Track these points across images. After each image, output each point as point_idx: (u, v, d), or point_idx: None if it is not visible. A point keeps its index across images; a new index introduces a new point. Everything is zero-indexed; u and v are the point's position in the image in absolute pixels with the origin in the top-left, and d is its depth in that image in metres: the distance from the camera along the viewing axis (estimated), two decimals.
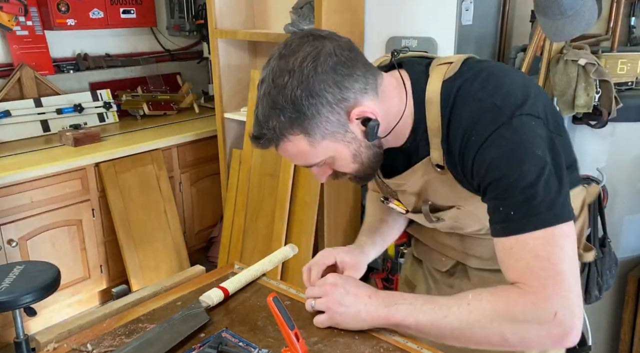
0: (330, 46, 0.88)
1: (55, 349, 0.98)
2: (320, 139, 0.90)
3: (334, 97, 0.87)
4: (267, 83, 0.89)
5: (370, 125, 0.90)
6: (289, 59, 0.87)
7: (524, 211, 0.84)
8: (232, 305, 1.13)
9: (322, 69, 0.85)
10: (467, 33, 2.36)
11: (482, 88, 0.90)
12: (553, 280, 0.82)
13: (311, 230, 2.48)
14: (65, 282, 2.64)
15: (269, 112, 0.88)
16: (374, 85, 0.92)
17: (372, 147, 0.95)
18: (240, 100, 2.94)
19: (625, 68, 2.01)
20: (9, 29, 2.89)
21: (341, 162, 0.95)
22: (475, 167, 0.89)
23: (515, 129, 0.86)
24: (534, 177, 0.83)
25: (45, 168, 2.52)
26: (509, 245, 0.86)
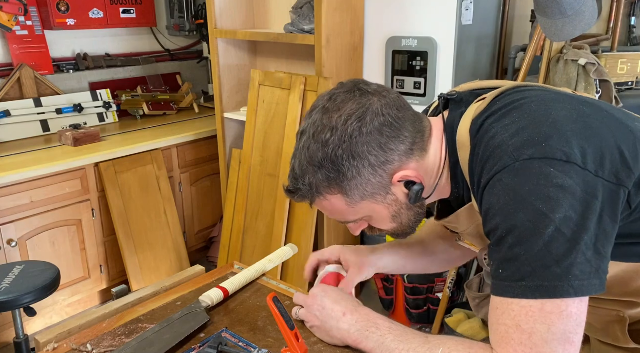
0: (378, 105, 0.83)
1: (55, 349, 0.98)
2: (359, 200, 0.86)
3: (377, 159, 0.82)
4: (307, 136, 0.85)
5: (413, 189, 0.86)
6: (333, 114, 0.83)
7: (509, 272, 0.73)
8: (232, 305, 1.13)
9: (367, 130, 0.81)
10: (467, 33, 2.36)
11: (500, 122, 0.80)
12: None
13: (311, 230, 2.48)
14: (65, 282, 2.64)
15: (306, 168, 0.85)
16: (422, 144, 0.86)
17: (413, 208, 0.90)
18: (240, 100, 2.94)
19: (626, 68, 2.01)
20: (9, 29, 2.89)
21: (379, 222, 0.92)
22: (482, 212, 0.80)
23: (519, 175, 0.73)
24: (527, 236, 0.71)
25: (45, 168, 2.52)
26: (495, 304, 0.76)
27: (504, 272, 0.74)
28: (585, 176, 0.72)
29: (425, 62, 2.36)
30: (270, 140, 2.59)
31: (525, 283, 0.71)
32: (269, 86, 2.59)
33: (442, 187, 0.91)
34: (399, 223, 0.92)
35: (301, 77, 2.43)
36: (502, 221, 0.74)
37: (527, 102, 0.82)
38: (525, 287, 0.71)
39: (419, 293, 2.54)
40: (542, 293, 0.70)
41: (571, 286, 0.70)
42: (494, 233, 0.76)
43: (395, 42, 2.43)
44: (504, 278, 0.74)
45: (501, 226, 0.74)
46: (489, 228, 0.77)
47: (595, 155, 0.74)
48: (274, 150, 2.56)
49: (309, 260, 1.15)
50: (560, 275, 0.70)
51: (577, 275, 0.70)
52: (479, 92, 0.91)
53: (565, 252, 0.70)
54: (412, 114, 0.87)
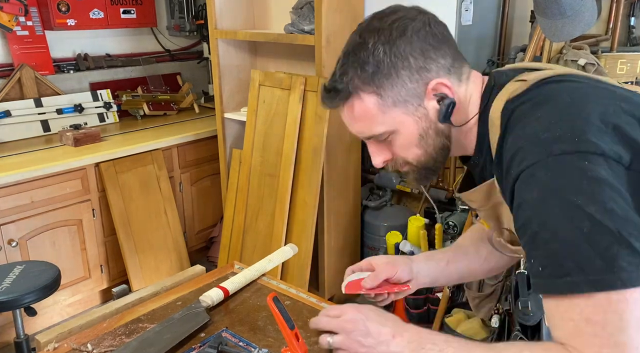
0: (426, 17, 0.86)
1: (55, 349, 0.98)
2: (391, 105, 0.85)
3: (417, 63, 0.83)
4: (353, 38, 0.87)
5: (445, 102, 0.85)
6: (382, 19, 0.86)
7: (551, 269, 0.71)
8: (232, 305, 1.13)
9: (411, 33, 0.83)
10: (467, 33, 2.36)
11: (532, 113, 0.79)
12: (610, 351, 0.68)
13: (311, 230, 2.48)
14: (65, 282, 2.64)
15: (347, 66, 0.85)
16: (460, 69, 0.88)
17: (441, 134, 0.88)
18: (240, 100, 2.95)
19: (625, 68, 2.01)
20: (9, 29, 2.89)
21: (404, 141, 0.88)
22: (513, 204, 0.78)
23: (551, 169, 0.72)
24: (564, 231, 0.69)
25: (46, 168, 2.52)
26: (552, 304, 0.73)
27: (546, 269, 0.72)
28: (620, 170, 0.72)
29: None
30: (270, 140, 2.59)
31: (571, 278, 0.69)
32: (269, 86, 2.59)
33: (466, 139, 0.91)
34: (424, 148, 0.89)
35: (301, 77, 2.44)
36: (535, 216, 0.73)
37: (563, 94, 0.80)
38: (571, 282, 0.69)
39: (418, 293, 2.54)
40: (590, 286, 0.68)
41: (618, 278, 0.67)
42: (527, 228, 0.74)
43: None
44: (547, 276, 0.72)
45: (534, 221, 0.73)
46: (521, 223, 0.75)
47: (631, 150, 0.73)
48: (274, 150, 2.56)
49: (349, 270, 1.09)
50: (605, 268, 0.67)
51: (624, 267, 0.67)
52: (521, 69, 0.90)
53: (607, 245, 0.67)
54: (455, 44, 0.88)
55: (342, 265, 2.76)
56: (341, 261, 2.75)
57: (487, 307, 2.08)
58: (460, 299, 2.55)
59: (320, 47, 2.36)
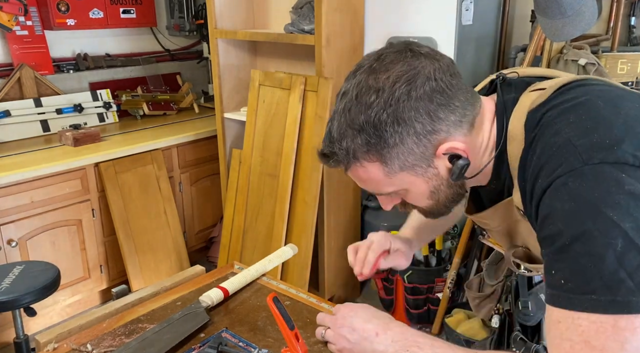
0: (430, 68, 0.77)
1: (55, 349, 0.98)
2: (398, 170, 0.79)
3: (424, 127, 0.76)
4: (349, 98, 0.78)
5: (458, 164, 0.79)
6: (379, 75, 0.76)
7: (576, 284, 0.67)
8: (232, 305, 1.13)
9: (416, 95, 0.75)
10: (467, 33, 2.36)
11: (564, 118, 0.73)
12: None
13: (311, 230, 2.48)
14: (65, 282, 2.63)
15: (345, 131, 0.78)
16: (471, 117, 0.80)
17: (454, 186, 0.84)
18: (240, 100, 2.94)
19: (626, 68, 2.01)
20: (9, 29, 2.89)
21: (415, 197, 0.85)
22: (538, 215, 0.74)
23: (587, 179, 0.67)
24: (597, 246, 0.65)
25: (45, 168, 2.52)
26: (558, 317, 0.69)
27: (569, 284, 0.67)
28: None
29: None
30: (270, 140, 2.59)
31: (596, 296, 0.65)
32: (269, 86, 2.59)
33: (486, 172, 0.85)
34: (436, 200, 0.86)
35: (301, 77, 2.43)
36: (566, 228, 0.68)
37: (593, 97, 0.75)
38: (595, 301, 0.65)
39: (419, 293, 2.54)
40: (616, 308, 0.64)
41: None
42: (555, 240, 0.69)
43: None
44: (569, 290, 0.67)
45: (565, 233, 0.68)
46: (547, 233, 0.71)
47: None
48: (274, 150, 2.56)
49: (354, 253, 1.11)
50: (634, 289, 0.64)
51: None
52: (528, 80, 0.85)
53: (638, 265, 0.64)
54: (464, 84, 0.81)
55: (342, 265, 2.76)
56: (341, 261, 2.75)
57: (488, 307, 2.08)
58: (460, 299, 2.55)
59: (320, 47, 2.36)
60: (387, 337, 0.86)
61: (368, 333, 0.88)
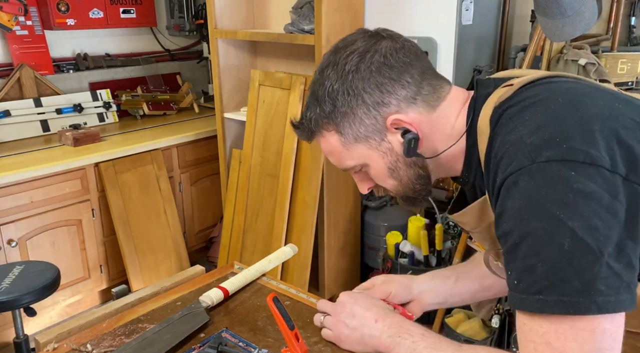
0: (385, 46, 0.81)
1: (55, 349, 0.98)
2: (353, 141, 0.84)
3: (372, 98, 0.81)
4: (316, 73, 0.86)
5: (406, 137, 0.82)
6: (339, 52, 0.83)
7: (526, 284, 0.67)
8: (232, 305, 1.13)
9: (365, 67, 0.80)
10: (467, 33, 2.36)
11: (521, 116, 0.74)
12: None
13: (311, 230, 2.48)
14: (65, 282, 2.63)
15: (309, 103, 0.86)
16: (430, 97, 0.82)
17: (412, 166, 0.86)
18: (240, 100, 2.94)
19: (626, 68, 2.01)
20: (9, 28, 2.89)
21: (376, 173, 0.88)
22: (495, 214, 0.74)
23: (535, 178, 0.67)
24: (543, 246, 0.65)
25: (45, 168, 2.52)
26: (522, 319, 0.70)
27: (521, 284, 0.68)
28: (614, 180, 0.65)
29: None
30: (270, 140, 2.59)
31: (543, 296, 0.65)
32: (269, 86, 2.59)
33: (451, 161, 0.86)
34: (398, 179, 0.87)
35: (301, 77, 2.43)
36: (515, 227, 0.68)
37: (554, 95, 0.75)
38: (542, 301, 0.65)
39: None
40: (561, 308, 0.64)
41: (593, 302, 0.63)
42: (507, 239, 0.70)
43: None
44: (521, 290, 0.68)
45: (514, 232, 0.68)
46: (500, 232, 0.72)
47: (627, 158, 0.67)
48: (274, 150, 2.56)
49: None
50: (581, 290, 0.63)
51: (602, 291, 0.63)
52: (506, 79, 0.85)
53: (587, 265, 0.63)
54: (425, 66, 0.83)
55: (342, 265, 2.76)
56: (341, 261, 2.75)
57: (488, 307, 2.08)
58: None
59: (320, 47, 2.36)
60: (385, 324, 0.90)
61: (367, 320, 0.91)
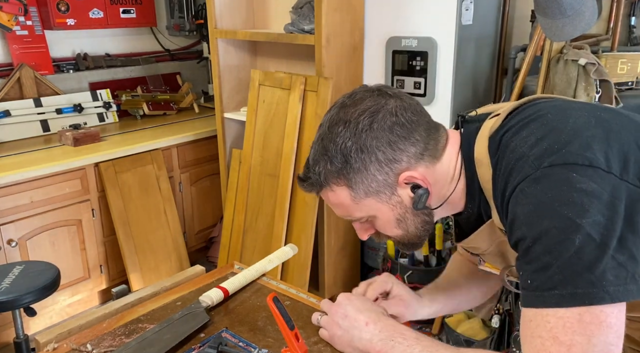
0: (394, 105, 0.85)
1: (55, 349, 0.98)
2: (364, 196, 0.87)
3: (385, 156, 0.84)
4: (323, 129, 0.89)
5: (418, 193, 0.86)
6: (348, 109, 0.86)
7: (540, 281, 0.71)
8: (232, 305, 1.13)
9: (378, 126, 0.84)
10: (467, 33, 2.36)
11: (518, 136, 0.80)
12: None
13: (311, 230, 2.48)
14: (65, 282, 2.63)
15: (318, 157, 0.88)
16: (435, 150, 0.87)
17: (420, 215, 0.90)
18: (240, 100, 2.94)
19: (626, 68, 2.01)
20: (9, 28, 2.89)
21: (383, 225, 0.91)
22: (506, 225, 0.79)
23: (540, 182, 0.73)
24: (555, 243, 0.69)
25: (45, 168, 2.52)
26: (528, 316, 0.73)
27: (534, 282, 0.71)
28: (610, 179, 0.71)
29: (425, 62, 2.35)
30: (270, 140, 2.59)
31: (558, 291, 0.68)
32: (269, 86, 2.59)
33: (456, 200, 0.91)
34: (405, 229, 0.91)
35: (301, 77, 2.43)
36: (527, 230, 0.72)
37: (544, 112, 0.82)
38: (558, 296, 0.68)
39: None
40: (577, 300, 0.67)
41: (606, 292, 0.67)
42: (521, 244, 0.74)
43: (395, 42, 2.43)
44: (535, 288, 0.71)
45: (527, 235, 0.72)
46: (515, 239, 0.76)
47: (619, 159, 0.73)
48: (274, 150, 2.56)
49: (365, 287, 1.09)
50: (594, 281, 0.67)
51: (612, 281, 0.67)
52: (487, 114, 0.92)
53: (596, 257, 0.67)
54: (428, 121, 0.88)
55: (342, 265, 2.76)
56: (341, 261, 2.75)
57: (488, 307, 2.08)
58: None
59: (320, 47, 2.36)
60: (376, 328, 0.90)
61: (358, 322, 0.92)
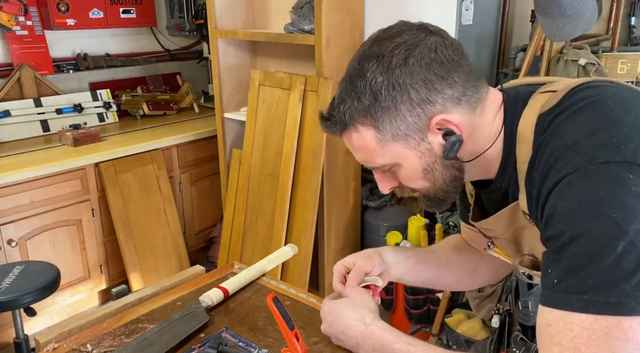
0: (433, 40, 0.77)
1: (55, 349, 0.98)
2: (390, 139, 0.78)
3: (419, 95, 0.75)
4: (352, 65, 0.80)
5: (450, 139, 0.77)
6: (382, 43, 0.77)
7: (569, 283, 0.66)
8: (232, 305, 1.13)
9: (414, 61, 0.75)
10: (467, 33, 2.36)
11: (572, 120, 0.72)
12: None
13: (311, 230, 2.48)
14: (65, 282, 2.63)
15: (344, 95, 0.79)
16: (473, 98, 0.79)
17: (449, 167, 0.81)
18: (240, 100, 2.94)
19: (626, 68, 2.01)
20: (9, 29, 2.89)
21: (408, 174, 0.82)
22: (543, 216, 0.72)
23: (592, 179, 0.66)
24: (596, 246, 0.64)
25: (45, 168, 2.52)
26: (548, 320, 0.68)
27: (563, 283, 0.66)
28: None
29: None
30: (270, 140, 2.59)
31: (588, 296, 0.64)
32: (269, 86, 2.59)
33: (488, 161, 0.83)
34: (431, 181, 0.82)
35: (301, 77, 2.43)
36: (567, 227, 0.67)
37: (603, 98, 0.74)
38: (588, 301, 0.64)
39: (419, 293, 2.53)
40: (608, 309, 0.63)
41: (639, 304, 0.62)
42: (556, 240, 0.68)
43: None
44: (562, 290, 0.66)
45: (566, 233, 0.67)
46: (550, 234, 0.70)
47: None
48: (274, 150, 2.56)
49: (335, 272, 1.03)
50: (629, 292, 0.62)
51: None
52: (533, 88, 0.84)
53: (636, 267, 0.62)
54: (469, 66, 0.80)
55: None
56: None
57: (488, 307, 2.08)
58: (460, 299, 2.54)
59: (320, 47, 2.36)
60: (368, 346, 0.88)
61: (350, 342, 0.91)
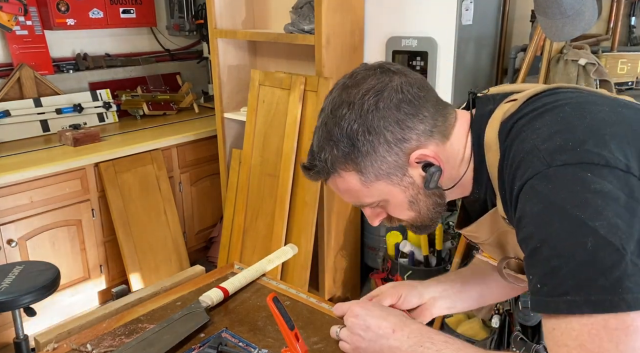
0: (398, 81, 0.81)
1: (55, 349, 0.98)
2: (374, 179, 0.83)
3: (394, 136, 0.80)
4: (325, 113, 0.84)
5: (430, 171, 0.81)
6: (351, 90, 0.81)
7: (551, 286, 0.67)
8: (232, 305, 1.13)
9: (384, 105, 0.79)
10: (467, 33, 2.36)
11: (531, 126, 0.76)
12: None
13: (311, 230, 2.48)
14: (65, 282, 2.63)
15: (323, 143, 0.83)
16: (444, 127, 0.83)
17: (431, 195, 0.86)
18: (240, 100, 2.94)
19: (626, 68, 2.01)
20: (9, 28, 2.89)
21: (395, 208, 0.87)
22: (515, 219, 0.75)
23: (552, 181, 0.69)
24: (566, 247, 0.66)
25: (45, 168, 2.51)
26: (551, 325, 0.69)
27: (545, 287, 0.68)
28: (629, 180, 0.67)
29: (425, 62, 2.35)
30: (270, 140, 2.59)
31: (571, 297, 0.65)
32: (269, 86, 2.59)
33: (466, 183, 0.87)
34: (417, 211, 0.87)
35: (301, 77, 2.43)
36: (535, 230, 0.69)
37: (561, 104, 0.77)
38: (571, 302, 0.65)
39: None
40: (590, 307, 0.64)
41: (622, 299, 0.63)
42: (527, 243, 0.71)
43: (395, 42, 2.43)
44: (545, 294, 0.68)
45: (535, 236, 0.69)
46: (522, 236, 0.73)
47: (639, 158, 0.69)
48: (274, 150, 2.56)
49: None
50: (609, 287, 0.63)
51: (630, 288, 0.63)
52: (509, 94, 0.87)
53: (612, 263, 0.63)
54: (435, 97, 0.84)
55: (342, 265, 2.76)
56: (341, 261, 2.75)
57: (488, 307, 2.08)
58: None
59: (320, 47, 2.36)
60: (404, 334, 0.86)
61: (385, 330, 0.88)
